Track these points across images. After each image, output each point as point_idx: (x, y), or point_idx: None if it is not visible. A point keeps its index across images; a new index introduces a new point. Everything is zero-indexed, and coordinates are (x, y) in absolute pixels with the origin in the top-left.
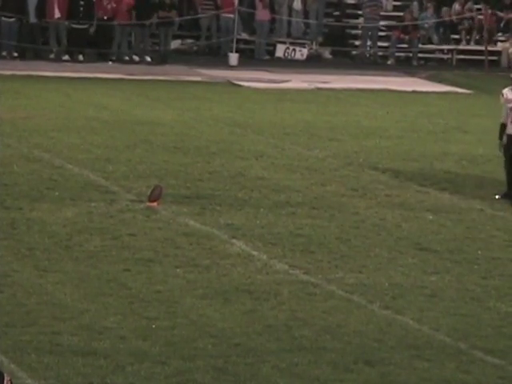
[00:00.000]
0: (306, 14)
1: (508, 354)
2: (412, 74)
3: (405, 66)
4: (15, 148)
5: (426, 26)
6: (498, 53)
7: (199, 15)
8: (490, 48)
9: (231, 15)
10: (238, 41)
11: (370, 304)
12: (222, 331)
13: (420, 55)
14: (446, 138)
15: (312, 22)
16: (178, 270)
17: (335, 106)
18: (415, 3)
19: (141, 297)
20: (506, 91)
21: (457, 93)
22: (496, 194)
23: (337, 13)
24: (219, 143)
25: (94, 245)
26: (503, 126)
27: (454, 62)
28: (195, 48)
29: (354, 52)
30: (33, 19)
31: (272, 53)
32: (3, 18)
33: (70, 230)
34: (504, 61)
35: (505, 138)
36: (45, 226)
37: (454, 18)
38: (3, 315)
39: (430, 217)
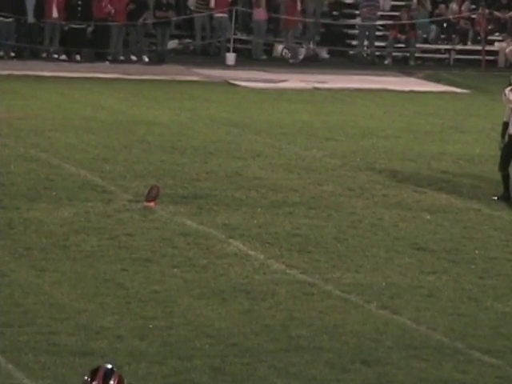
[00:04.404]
0: (303, 13)
1: (505, 353)
2: (409, 74)
3: (402, 66)
4: (12, 148)
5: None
6: (496, 53)
7: (194, 15)
8: (487, 48)
9: (227, 15)
10: (236, 40)
11: (367, 304)
12: (219, 331)
13: (417, 55)
14: (444, 137)
15: (309, 21)
16: (175, 269)
17: (332, 106)
18: (413, 2)
19: (138, 297)
20: (508, 91)
21: (454, 92)
22: (494, 196)
23: (334, 12)
24: (216, 143)
25: (91, 245)
26: (505, 125)
27: (452, 62)
28: (192, 47)
29: (351, 52)
30: (31, 19)
31: (269, 52)
32: (1, 18)
33: (67, 229)
34: (501, 60)
35: (506, 138)
36: (42, 225)
37: (451, 17)
38: (0, 315)
39: (427, 217)
